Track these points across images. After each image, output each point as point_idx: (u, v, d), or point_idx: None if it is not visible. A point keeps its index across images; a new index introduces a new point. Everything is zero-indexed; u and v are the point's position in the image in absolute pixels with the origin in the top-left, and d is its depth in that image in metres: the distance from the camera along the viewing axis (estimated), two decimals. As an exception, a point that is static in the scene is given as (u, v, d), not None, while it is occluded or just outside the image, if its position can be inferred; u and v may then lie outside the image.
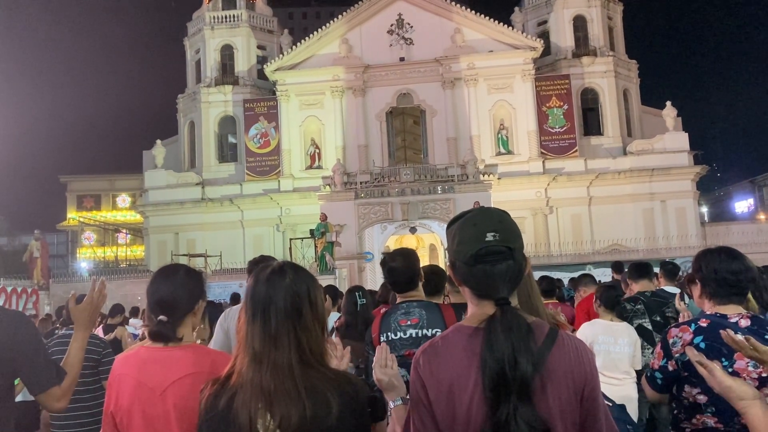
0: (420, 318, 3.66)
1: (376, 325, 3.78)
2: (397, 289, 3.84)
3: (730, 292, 2.95)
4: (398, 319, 3.69)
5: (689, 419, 2.93)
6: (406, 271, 3.79)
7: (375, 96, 33.50)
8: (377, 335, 3.70)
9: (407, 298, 3.79)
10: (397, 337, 3.63)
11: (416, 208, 27.64)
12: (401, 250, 3.97)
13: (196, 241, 32.67)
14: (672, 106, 32.69)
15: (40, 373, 2.62)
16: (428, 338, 3.56)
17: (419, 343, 3.55)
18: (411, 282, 3.79)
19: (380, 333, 3.70)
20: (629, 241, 28.64)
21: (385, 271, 3.83)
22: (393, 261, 3.79)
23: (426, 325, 3.64)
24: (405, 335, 3.63)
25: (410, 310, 3.70)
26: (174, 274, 2.60)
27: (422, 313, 3.68)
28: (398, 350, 3.52)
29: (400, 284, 3.80)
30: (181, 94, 37.48)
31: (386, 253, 3.97)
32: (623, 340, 5.29)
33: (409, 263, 3.81)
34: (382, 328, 3.72)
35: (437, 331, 3.62)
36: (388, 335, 3.67)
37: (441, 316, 3.68)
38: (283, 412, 1.81)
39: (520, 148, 32.65)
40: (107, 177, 50.31)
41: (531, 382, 1.72)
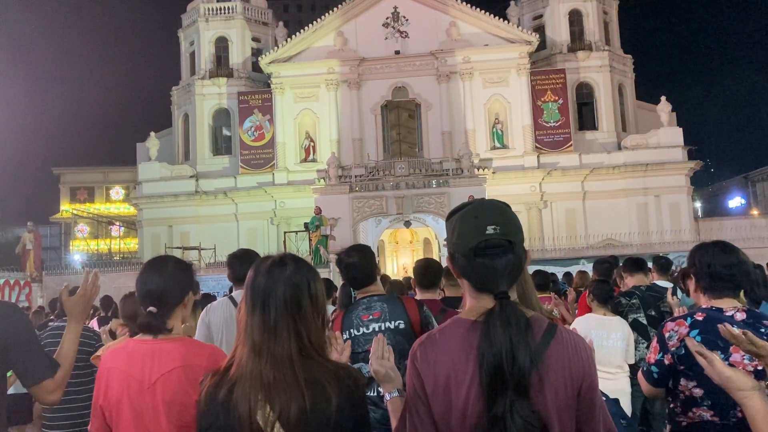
0: (382, 311, 3.63)
1: (338, 324, 3.70)
2: (356, 285, 3.80)
3: (725, 286, 2.95)
4: (360, 315, 3.65)
5: (685, 413, 2.93)
6: (364, 267, 3.76)
7: (370, 89, 33.42)
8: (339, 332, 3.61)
9: (367, 293, 3.75)
10: (360, 333, 3.59)
11: (411, 201, 27.62)
12: (356, 246, 3.94)
13: (190, 234, 32.58)
14: (666, 101, 32.71)
15: (34, 366, 2.60)
16: (392, 330, 3.56)
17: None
18: (369, 277, 3.77)
19: (342, 330, 3.63)
20: (623, 236, 28.71)
21: (342, 268, 3.79)
22: (349, 257, 3.77)
23: (389, 318, 3.61)
24: (368, 330, 3.59)
25: (371, 304, 3.67)
26: (163, 265, 2.58)
27: (384, 306, 3.65)
28: (362, 346, 3.49)
29: (358, 280, 3.78)
30: (175, 86, 37.30)
31: (340, 252, 3.91)
32: (616, 334, 5.31)
33: (366, 258, 3.79)
34: (344, 325, 3.66)
35: (400, 323, 3.59)
36: (350, 332, 3.62)
37: (403, 308, 3.65)
38: (283, 404, 1.81)
39: (515, 142, 32.65)
40: (101, 169, 50.07)
41: (528, 377, 1.71)
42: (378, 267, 3.87)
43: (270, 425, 1.80)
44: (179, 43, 37.56)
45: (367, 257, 3.79)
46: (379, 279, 3.87)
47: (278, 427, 1.80)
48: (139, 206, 34.88)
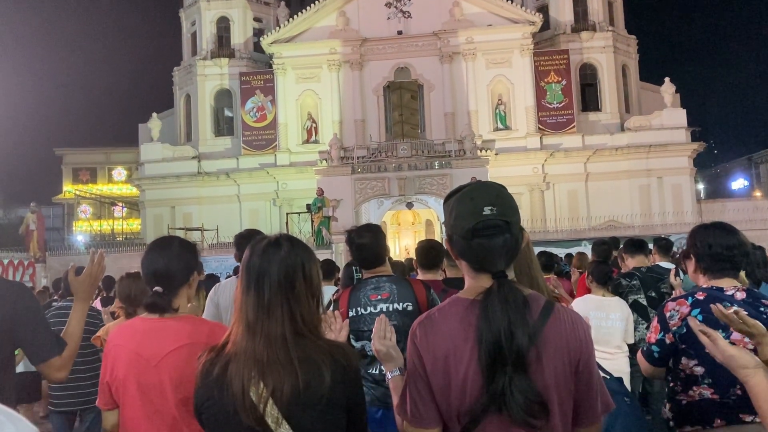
0: (390, 292, 3.66)
1: (344, 300, 3.73)
2: (366, 265, 3.82)
3: (725, 266, 2.97)
4: (368, 294, 3.68)
5: (686, 391, 2.96)
6: (375, 248, 3.78)
7: (372, 70, 33.24)
8: (345, 310, 3.66)
9: (375, 273, 3.78)
10: (367, 312, 3.62)
11: (413, 183, 27.60)
12: (368, 226, 3.94)
13: (193, 215, 32.64)
14: (670, 83, 32.50)
15: (41, 343, 2.64)
16: (399, 312, 3.59)
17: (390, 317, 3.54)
18: (379, 257, 3.79)
19: (349, 308, 3.67)
20: (625, 218, 28.69)
21: (353, 248, 3.80)
22: (361, 237, 3.77)
23: (397, 299, 3.64)
24: (375, 310, 3.62)
25: (380, 284, 3.70)
26: (168, 246, 2.62)
27: (393, 287, 3.68)
28: (368, 325, 3.51)
29: (368, 260, 3.79)
30: (177, 67, 37.13)
31: (351, 230, 3.91)
32: (615, 314, 5.33)
33: (377, 239, 3.79)
34: (351, 303, 3.69)
35: (408, 304, 3.62)
36: (357, 310, 3.65)
37: (411, 291, 3.68)
38: (276, 382, 1.83)
39: (518, 123, 32.53)
40: (103, 150, 50.01)
41: (527, 353, 1.74)
42: (387, 248, 3.88)
43: (263, 402, 1.83)
44: (181, 24, 37.33)
45: (378, 238, 3.81)
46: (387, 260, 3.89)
47: (271, 404, 1.83)
48: (141, 187, 34.89)
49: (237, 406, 1.83)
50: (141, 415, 2.44)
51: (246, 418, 1.83)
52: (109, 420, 2.61)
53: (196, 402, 1.96)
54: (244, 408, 1.83)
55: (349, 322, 3.55)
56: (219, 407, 1.88)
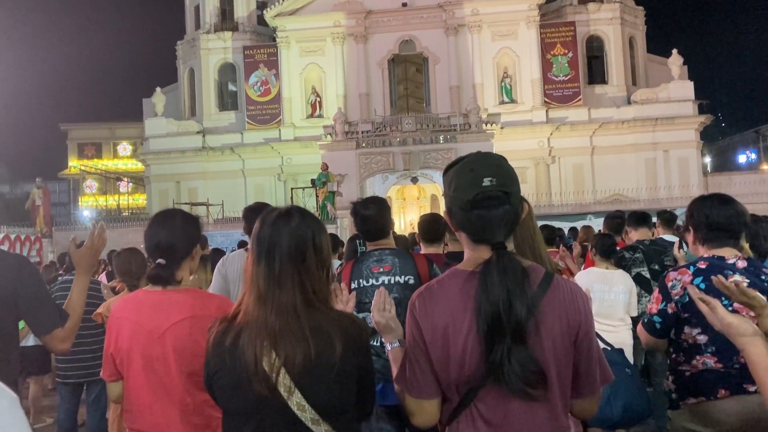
0: (393, 265, 3.67)
1: (347, 272, 3.75)
2: (369, 237, 3.83)
3: (723, 235, 2.97)
4: (371, 267, 3.69)
5: (688, 361, 2.95)
6: (379, 220, 3.78)
7: (377, 43, 32.95)
8: (348, 282, 3.67)
9: (378, 246, 3.78)
10: (369, 284, 3.63)
11: (418, 157, 27.51)
12: (373, 198, 3.94)
13: (198, 190, 32.69)
14: (678, 55, 32.14)
15: (44, 315, 2.66)
16: (401, 285, 3.59)
17: (392, 290, 3.57)
18: (383, 230, 3.79)
19: (351, 280, 3.68)
20: (631, 191, 28.60)
21: (358, 219, 3.80)
22: (366, 209, 3.77)
23: (399, 273, 3.65)
24: (377, 282, 3.63)
25: (383, 257, 3.71)
26: (171, 218, 2.63)
27: (395, 260, 3.69)
28: (370, 297, 3.50)
29: (372, 232, 3.80)
30: (180, 41, 36.89)
31: (356, 201, 3.92)
32: (618, 287, 5.33)
33: (382, 211, 3.80)
34: (353, 275, 3.71)
35: (410, 278, 3.63)
36: (359, 282, 3.67)
37: (414, 264, 3.69)
38: (288, 351, 1.84)
39: (524, 96, 32.28)
40: (108, 125, 49.96)
41: (525, 324, 1.74)
42: (392, 222, 3.88)
43: (276, 371, 1.84)
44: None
45: (383, 210, 3.81)
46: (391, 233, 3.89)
47: (284, 373, 1.84)
48: (146, 162, 34.91)
49: (250, 375, 1.84)
50: (145, 387, 2.47)
51: (259, 387, 1.84)
52: (113, 391, 2.65)
53: (208, 372, 1.97)
54: (257, 377, 1.84)
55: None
56: (231, 377, 1.89)
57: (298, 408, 1.85)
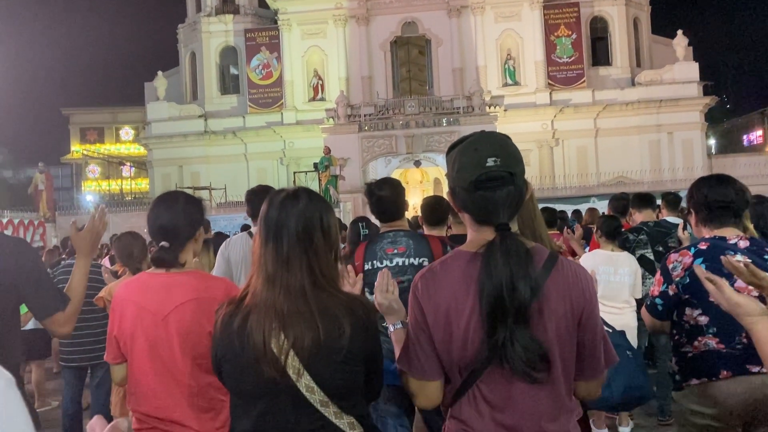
0: (407, 247, 3.66)
1: (360, 253, 3.75)
2: (384, 218, 3.83)
3: (724, 214, 2.97)
4: (384, 248, 3.69)
5: (691, 342, 2.96)
6: (394, 201, 3.78)
7: (379, 25, 32.72)
8: (361, 263, 3.68)
9: (393, 227, 3.77)
10: (382, 265, 3.63)
11: (421, 141, 27.41)
12: (388, 179, 3.93)
13: (200, 174, 32.63)
14: (683, 35, 31.84)
15: (45, 299, 2.66)
16: (415, 267, 3.58)
17: (406, 271, 3.56)
18: (398, 211, 3.79)
19: (365, 261, 3.68)
20: (635, 174, 28.48)
21: (373, 200, 3.80)
22: (381, 190, 3.77)
23: (413, 254, 3.64)
24: (391, 263, 3.63)
25: (397, 239, 3.70)
26: (174, 201, 2.62)
27: (409, 242, 3.68)
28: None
29: (387, 213, 3.80)
30: (181, 24, 36.67)
31: (371, 182, 3.92)
32: (623, 269, 5.32)
33: (397, 192, 3.80)
34: (366, 256, 3.71)
35: (424, 260, 3.62)
36: (373, 263, 3.67)
37: (428, 246, 3.68)
38: (297, 333, 1.84)
39: (527, 78, 32.09)
40: (110, 109, 49.82)
41: (528, 306, 1.72)
42: (407, 204, 3.88)
43: (284, 353, 1.83)
44: (184, -21, 36.76)
45: (398, 191, 3.81)
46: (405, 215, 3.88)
47: (292, 355, 1.84)
48: (148, 146, 34.87)
49: (259, 358, 1.84)
50: (149, 369, 2.47)
51: (268, 369, 1.83)
52: (117, 373, 2.65)
53: (216, 354, 1.96)
54: (266, 359, 1.83)
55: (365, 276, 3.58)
56: (240, 359, 1.89)
57: (307, 390, 1.84)
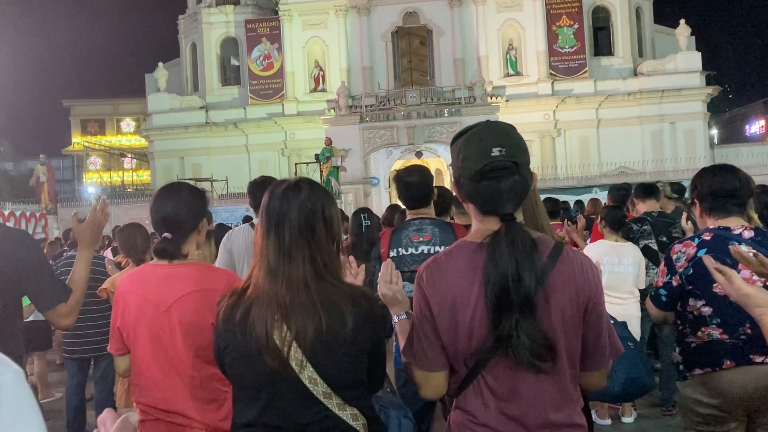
0: (433, 235, 3.65)
1: (386, 240, 3.75)
2: (411, 205, 3.80)
3: (728, 203, 2.96)
4: (410, 236, 3.68)
5: (694, 332, 2.96)
6: (422, 188, 3.76)
7: (380, 15, 32.60)
8: (386, 250, 3.68)
9: (419, 215, 3.76)
10: (408, 253, 3.63)
11: (422, 131, 27.36)
12: (417, 166, 3.92)
13: (202, 166, 32.63)
14: (686, 25, 31.69)
15: (47, 290, 2.65)
16: None
17: None
18: (425, 199, 3.77)
19: (390, 248, 3.68)
20: (637, 164, 28.39)
21: (401, 185, 3.79)
22: (410, 176, 3.75)
23: (438, 242, 3.63)
24: (416, 251, 3.63)
25: (423, 227, 3.69)
26: (177, 192, 2.61)
27: (435, 230, 3.66)
28: (409, 266, 3.53)
29: (414, 200, 3.77)
30: (182, 15, 36.54)
31: (400, 169, 3.91)
32: (627, 260, 5.31)
33: (425, 180, 3.78)
34: (392, 243, 3.70)
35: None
36: (398, 251, 3.66)
37: (454, 234, 3.66)
38: (299, 325, 1.83)
39: (529, 69, 31.98)
40: (110, 101, 49.76)
41: (534, 297, 1.71)
42: (434, 192, 3.86)
43: (287, 345, 1.83)
44: (184, -30, 36.61)
45: (427, 179, 3.80)
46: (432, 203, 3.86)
47: (295, 347, 1.83)
48: (149, 138, 34.84)
49: (261, 349, 1.83)
50: (152, 360, 2.47)
51: (270, 361, 1.83)
52: (120, 365, 2.65)
53: (218, 346, 1.96)
54: (268, 351, 1.83)
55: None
56: (242, 351, 1.88)
57: (309, 381, 1.84)
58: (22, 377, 0.86)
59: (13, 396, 0.82)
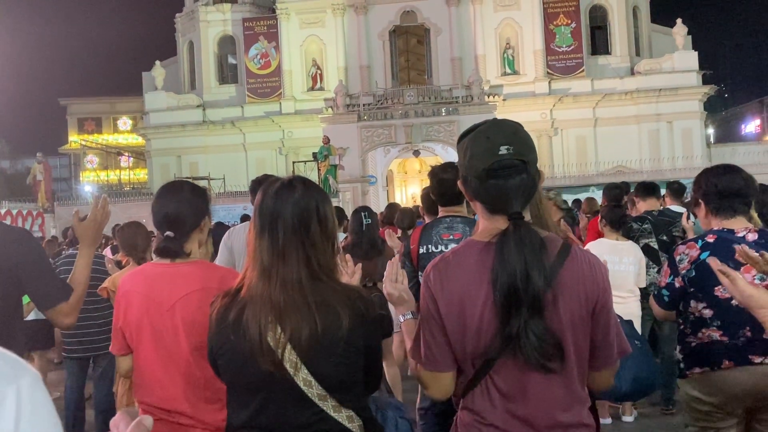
0: (464, 233, 3.62)
1: (416, 236, 3.73)
2: (443, 201, 3.78)
3: (735, 202, 2.95)
4: (441, 233, 3.66)
5: (695, 333, 2.98)
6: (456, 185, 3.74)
7: (377, 14, 32.59)
8: (416, 247, 3.66)
9: (451, 212, 3.74)
10: (438, 250, 3.59)
11: (420, 130, 27.37)
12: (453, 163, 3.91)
13: (199, 164, 32.59)
14: (682, 24, 31.80)
15: (48, 289, 2.63)
16: None
17: None
18: (458, 196, 3.75)
19: (419, 245, 3.66)
20: (634, 163, 28.46)
21: (435, 181, 3.77)
22: (445, 173, 3.73)
23: None
24: (446, 249, 3.61)
25: (454, 224, 3.67)
26: (179, 190, 2.59)
27: (466, 228, 3.64)
28: None
29: (447, 197, 3.74)
30: (179, 13, 36.52)
31: (435, 166, 3.91)
32: (628, 258, 5.31)
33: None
34: (422, 240, 3.68)
35: None
36: (428, 247, 3.64)
37: None
38: (293, 326, 1.80)
39: (526, 68, 32.01)
40: (107, 99, 49.63)
41: (543, 296, 1.70)
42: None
43: (281, 347, 1.80)
44: (181, -32, 36.54)
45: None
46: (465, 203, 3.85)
47: (290, 348, 1.81)
48: (146, 136, 34.79)
49: (254, 351, 1.81)
50: (155, 360, 2.45)
51: (263, 363, 1.80)
52: (123, 365, 2.63)
53: (212, 347, 1.94)
54: (262, 353, 1.80)
55: (419, 259, 3.53)
56: (235, 352, 1.86)
57: (304, 384, 1.82)
58: (40, 381, 0.84)
59: (30, 401, 0.80)
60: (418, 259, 3.64)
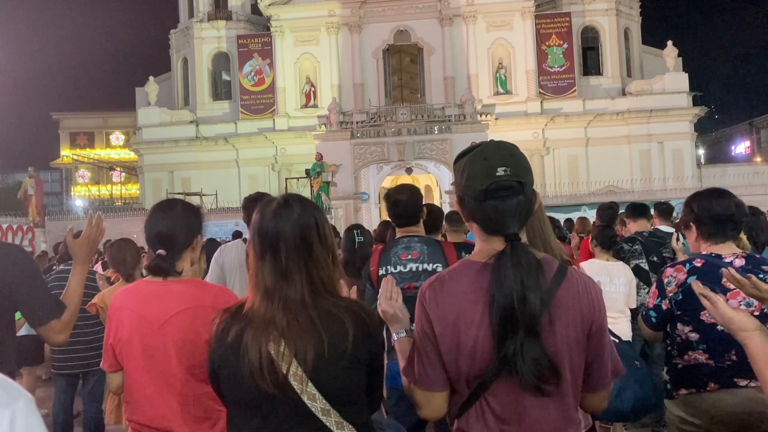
0: (421, 252, 3.68)
1: (375, 259, 3.80)
2: (400, 222, 3.84)
3: (727, 227, 2.96)
4: (399, 253, 3.71)
5: (681, 355, 3.00)
6: (411, 206, 3.80)
7: (371, 33, 32.82)
8: (375, 269, 3.72)
9: (408, 233, 3.79)
10: (396, 271, 3.65)
11: (412, 148, 27.47)
12: (407, 185, 3.98)
13: (192, 180, 32.54)
14: (673, 46, 32.17)
15: (40, 306, 2.61)
16: (428, 272, 3.59)
17: (419, 277, 3.58)
18: (414, 217, 3.81)
19: (379, 266, 3.72)
20: (625, 183, 28.64)
21: (390, 203, 3.84)
22: (399, 194, 3.81)
23: (427, 260, 3.66)
24: (405, 269, 3.65)
25: (411, 244, 3.72)
26: (172, 208, 2.58)
27: (423, 248, 3.69)
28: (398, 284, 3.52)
29: (403, 218, 3.81)
30: (173, 30, 36.63)
31: (390, 188, 4.00)
32: (619, 279, 5.32)
33: (414, 198, 3.83)
34: (381, 261, 3.74)
35: (438, 266, 3.63)
36: (387, 269, 3.69)
37: (442, 252, 3.70)
38: (298, 343, 1.79)
39: (519, 88, 32.25)
40: (100, 114, 49.57)
41: (539, 318, 1.70)
42: (423, 210, 3.89)
43: (287, 362, 1.79)
44: (176, -15, 36.72)
45: (416, 197, 3.85)
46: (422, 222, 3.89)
47: (295, 365, 1.79)
48: (139, 152, 34.72)
49: (254, 373, 1.79)
50: (145, 377, 2.43)
51: (263, 384, 1.79)
52: (113, 382, 2.61)
53: (212, 366, 1.92)
54: (261, 374, 1.78)
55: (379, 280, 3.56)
56: (236, 372, 1.84)
57: (308, 397, 1.80)
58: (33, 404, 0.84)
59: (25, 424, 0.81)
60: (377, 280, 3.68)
